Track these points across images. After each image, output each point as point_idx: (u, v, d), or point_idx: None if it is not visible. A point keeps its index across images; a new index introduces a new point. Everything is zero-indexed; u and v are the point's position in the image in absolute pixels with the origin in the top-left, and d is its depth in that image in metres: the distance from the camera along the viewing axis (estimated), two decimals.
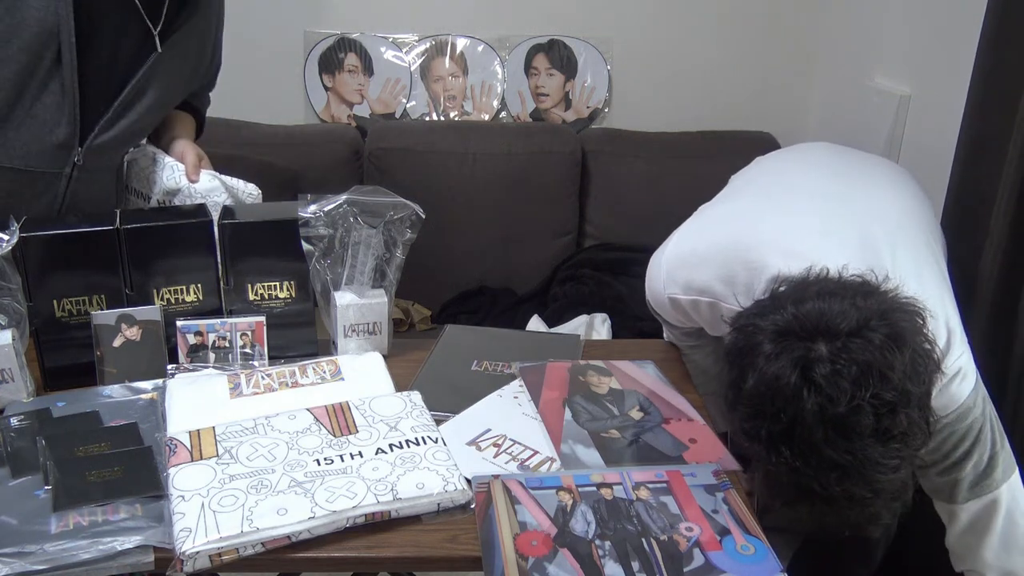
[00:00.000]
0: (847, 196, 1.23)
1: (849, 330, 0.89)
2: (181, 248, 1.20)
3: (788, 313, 0.92)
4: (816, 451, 0.87)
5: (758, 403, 0.90)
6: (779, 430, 0.88)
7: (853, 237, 1.12)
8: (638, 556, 0.88)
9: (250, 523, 0.88)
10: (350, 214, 1.20)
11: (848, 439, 0.86)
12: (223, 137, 2.37)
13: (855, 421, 0.86)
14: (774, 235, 1.13)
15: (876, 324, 0.89)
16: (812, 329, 0.90)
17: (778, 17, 2.50)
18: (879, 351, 0.87)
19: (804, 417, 0.86)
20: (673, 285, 1.23)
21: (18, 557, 0.84)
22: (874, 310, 0.91)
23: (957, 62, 1.74)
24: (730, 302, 1.14)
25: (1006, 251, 1.36)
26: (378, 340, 1.28)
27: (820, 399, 0.86)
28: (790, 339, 0.90)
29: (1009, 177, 1.34)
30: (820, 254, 1.06)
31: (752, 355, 0.92)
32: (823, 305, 0.92)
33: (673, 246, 1.26)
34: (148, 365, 1.18)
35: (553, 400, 1.17)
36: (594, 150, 2.41)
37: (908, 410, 0.87)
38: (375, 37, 2.49)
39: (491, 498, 0.97)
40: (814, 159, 1.39)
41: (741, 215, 1.24)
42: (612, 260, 2.27)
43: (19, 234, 1.09)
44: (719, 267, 1.15)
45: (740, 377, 0.93)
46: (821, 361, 0.87)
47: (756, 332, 0.93)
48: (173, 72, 1.35)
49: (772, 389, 0.88)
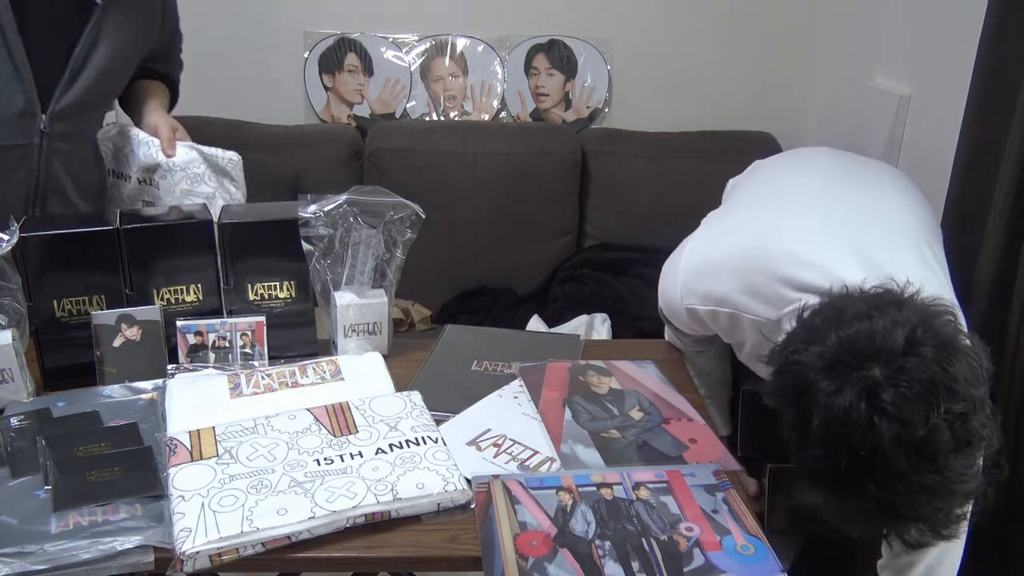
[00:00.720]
0: (854, 200, 1.23)
1: (900, 349, 0.87)
2: (181, 248, 1.20)
3: (832, 342, 0.90)
4: (903, 478, 0.85)
5: (832, 442, 0.87)
6: (860, 465, 0.86)
7: (865, 242, 1.12)
8: (638, 556, 0.88)
9: (250, 523, 0.88)
10: (350, 214, 1.20)
11: (933, 460, 0.84)
12: (223, 137, 2.37)
13: (935, 440, 0.84)
14: (789, 243, 1.13)
15: (923, 336, 0.87)
16: (862, 354, 0.88)
17: (778, 17, 2.50)
18: (937, 364, 0.85)
19: (883, 447, 0.84)
20: (691, 296, 1.22)
21: (18, 557, 0.84)
22: (916, 320, 0.89)
23: (957, 62, 1.74)
24: (752, 312, 1.14)
25: (1003, 249, 1.36)
26: (378, 340, 1.28)
27: (895, 426, 0.84)
28: (842, 369, 0.88)
29: (1007, 176, 1.34)
30: (835, 261, 1.07)
31: (811, 394, 0.89)
32: (865, 326, 0.89)
33: (688, 256, 1.25)
34: (148, 365, 1.18)
35: (553, 400, 1.17)
36: (594, 150, 2.41)
37: (978, 415, 0.86)
38: (375, 37, 2.49)
39: (491, 498, 0.97)
40: (819, 164, 1.39)
41: (754, 223, 1.24)
42: (612, 260, 2.27)
43: (19, 234, 1.09)
44: (738, 278, 1.15)
45: (803, 419, 0.89)
46: (883, 386, 0.85)
47: (805, 369, 0.90)
48: (121, 28, 1.34)
49: (843, 425, 0.86)
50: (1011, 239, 1.35)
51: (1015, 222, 1.35)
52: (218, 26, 2.49)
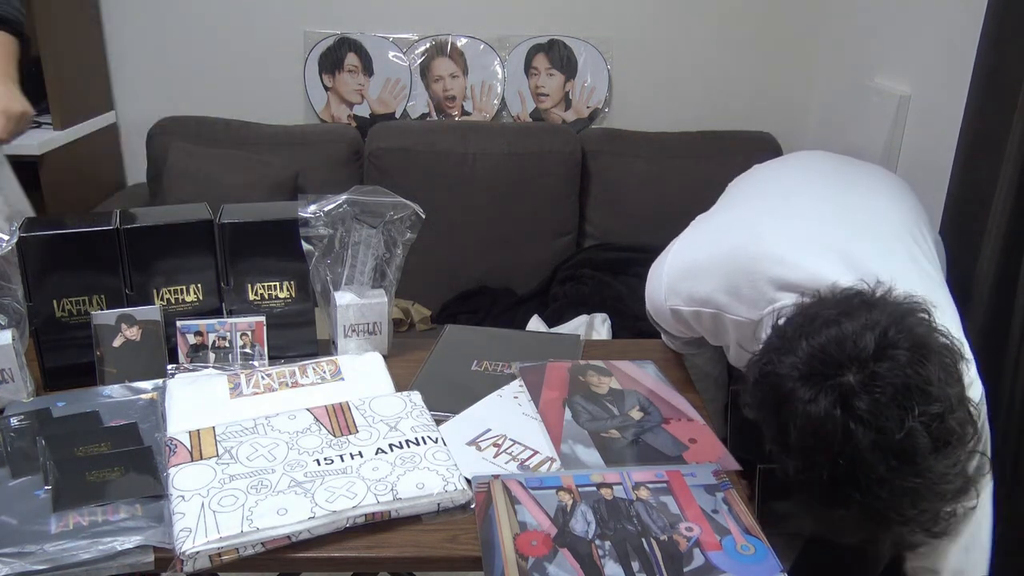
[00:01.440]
0: (845, 202, 1.23)
1: (871, 354, 0.86)
2: (181, 248, 1.20)
3: (803, 351, 0.90)
4: (885, 484, 0.85)
5: (810, 453, 0.87)
6: (841, 473, 0.86)
7: (852, 244, 1.11)
8: (638, 556, 0.88)
9: (250, 523, 0.88)
10: (350, 214, 1.20)
11: (912, 463, 0.84)
12: (223, 137, 2.38)
13: (913, 444, 0.84)
14: (773, 244, 1.13)
15: (894, 337, 0.87)
16: (834, 362, 0.87)
17: (778, 17, 2.51)
18: (909, 367, 0.85)
19: (862, 455, 0.84)
20: (675, 297, 1.22)
21: (18, 557, 0.84)
22: (886, 322, 0.89)
23: (957, 62, 1.74)
24: (734, 313, 1.14)
25: (1003, 251, 1.36)
26: (378, 340, 1.28)
27: (872, 433, 0.84)
28: (816, 378, 0.88)
29: (1007, 176, 1.34)
30: (818, 263, 1.06)
31: (787, 404, 0.89)
32: (835, 332, 0.89)
33: (672, 257, 1.25)
34: (148, 365, 1.18)
35: (553, 400, 1.17)
36: (594, 150, 2.41)
37: (955, 413, 0.86)
38: (375, 37, 2.49)
39: (491, 498, 0.97)
40: (811, 167, 1.39)
41: (739, 224, 1.23)
42: (612, 260, 2.27)
43: (19, 234, 1.09)
44: (721, 278, 1.15)
45: (782, 431, 0.90)
46: (857, 393, 0.85)
47: (781, 380, 0.90)
48: None
49: (820, 435, 0.86)
50: (1011, 239, 1.35)
51: (1015, 222, 1.35)
52: (218, 26, 2.49)
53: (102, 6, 2.47)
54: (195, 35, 2.51)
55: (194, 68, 2.55)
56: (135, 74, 2.54)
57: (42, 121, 2.27)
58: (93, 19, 2.44)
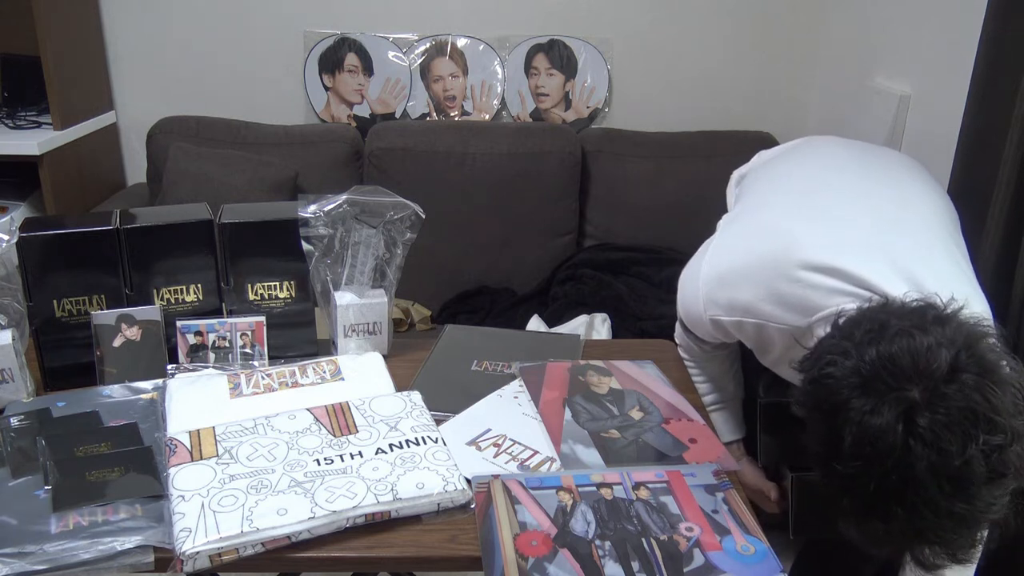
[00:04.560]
0: (875, 195, 1.19)
1: (943, 374, 0.84)
2: (181, 248, 1.20)
3: (871, 357, 0.87)
4: (932, 505, 0.83)
5: (863, 462, 0.85)
6: (890, 487, 0.84)
7: (891, 243, 1.09)
8: (638, 556, 0.88)
9: (250, 523, 0.88)
10: (350, 214, 1.20)
11: (965, 489, 0.82)
12: (223, 137, 2.38)
13: (970, 472, 0.82)
14: (813, 247, 1.10)
15: (966, 361, 0.85)
16: (902, 375, 0.85)
17: (778, 17, 2.51)
18: (978, 393, 0.83)
19: (916, 474, 0.82)
20: (714, 307, 1.20)
21: (18, 557, 0.84)
22: (959, 343, 0.86)
23: (957, 62, 1.74)
24: (779, 321, 1.12)
25: (1003, 249, 1.36)
26: (378, 340, 1.28)
27: (931, 453, 0.82)
28: (880, 387, 0.85)
29: (1006, 175, 1.34)
30: (862, 264, 1.04)
31: (844, 409, 0.86)
32: (907, 344, 0.86)
33: (708, 265, 1.22)
34: (148, 365, 1.18)
35: (553, 400, 1.17)
36: (594, 150, 2.41)
37: (1015, 446, 0.84)
38: (375, 37, 2.49)
39: (491, 498, 0.97)
40: (832, 157, 1.33)
41: (775, 227, 1.19)
42: (612, 260, 2.27)
43: (19, 234, 1.09)
44: (762, 286, 1.13)
45: (834, 434, 0.87)
46: (921, 410, 0.83)
47: (839, 383, 0.88)
48: None
49: (876, 446, 0.84)
50: (1011, 238, 1.35)
51: (1014, 222, 1.35)
52: (218, 26, 2.49)
53: (102, 6, 2.47)
54: (195, 35, 2.51)
55: (194, 68, 2.55)
56: (135, 74, 2.54)
57: (42, 121, 2.27)
58: (93, 19, 2.44)
